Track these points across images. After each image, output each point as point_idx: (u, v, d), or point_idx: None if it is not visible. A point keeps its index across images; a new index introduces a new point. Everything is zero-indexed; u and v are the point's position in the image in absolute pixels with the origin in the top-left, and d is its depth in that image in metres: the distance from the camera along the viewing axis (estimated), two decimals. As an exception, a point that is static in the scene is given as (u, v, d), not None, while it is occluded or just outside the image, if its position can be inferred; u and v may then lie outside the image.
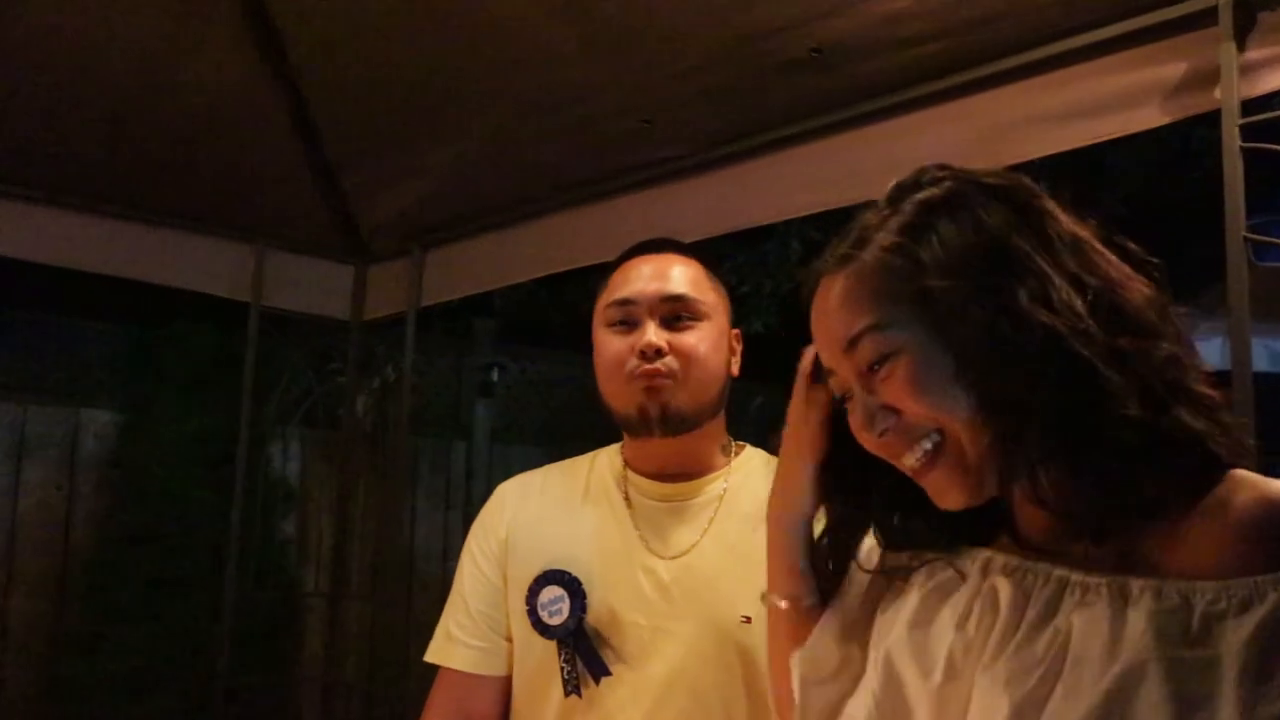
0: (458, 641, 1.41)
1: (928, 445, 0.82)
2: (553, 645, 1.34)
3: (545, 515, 1.42)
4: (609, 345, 1.36)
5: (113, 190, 2.64)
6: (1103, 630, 0.74)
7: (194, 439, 3.58)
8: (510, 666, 1.41)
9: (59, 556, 3.57)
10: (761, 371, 1.50)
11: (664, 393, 1.31)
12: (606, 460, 1.47)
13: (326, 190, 2.81)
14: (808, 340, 0.93)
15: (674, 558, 1.34)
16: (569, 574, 1.35)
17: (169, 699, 3.36)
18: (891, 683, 0.86)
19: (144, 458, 3.59)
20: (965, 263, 0.79)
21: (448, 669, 1.41)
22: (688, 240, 2.27)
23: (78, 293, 3.35)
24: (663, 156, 2.21)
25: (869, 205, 0.89)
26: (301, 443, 4.12)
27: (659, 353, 1.30)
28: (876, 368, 0.83)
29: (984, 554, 0.86)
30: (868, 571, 0.96)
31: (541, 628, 1.34)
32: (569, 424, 5.32)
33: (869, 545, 0.97)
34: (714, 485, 1.38)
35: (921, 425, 0.82)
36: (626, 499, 1.39)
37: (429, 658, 1.43)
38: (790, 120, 1.98)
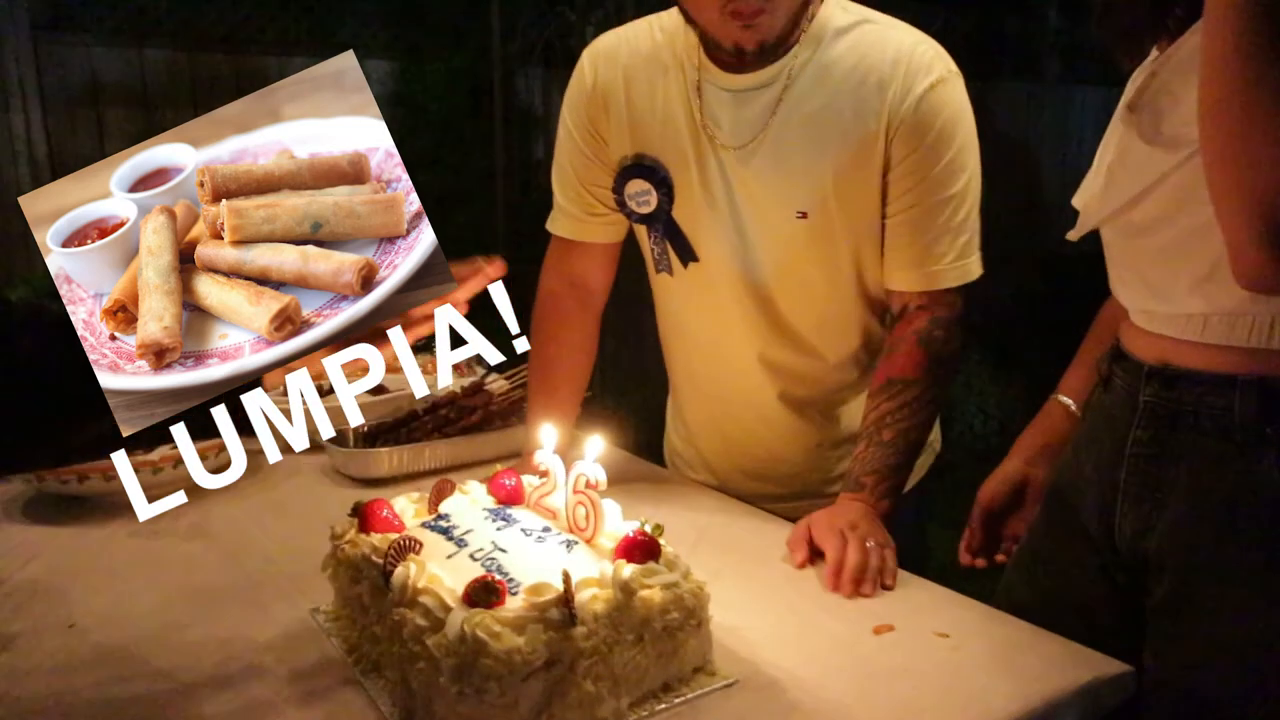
0: (562, 210, 1.44)
1: None
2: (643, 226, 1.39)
3: (632, 77, 1.34)
4: None
5: None
6: None
7: (457, 75, 4.14)
8: (613, 235, 1.44)
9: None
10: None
11: (761, 29, 1.18)
12: (674, 30, 1.32)
13: None
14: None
15: (739, 148, 1.28)
16: (654, 166, 1.32)
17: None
18: None
19: (418, 95, 4.24)
20: None
21: (555, 235, 1.46)
22: None
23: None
24: None
25: None
26: (543, 81, 4.66)
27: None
28: None
29: None
30: None
31: (630, 214, 1.37)
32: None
33: None
34: (781, 66, 1.25)
35: None
36: (698, 86, 1.29)
37: (548, 225, 1.47)
38: None
